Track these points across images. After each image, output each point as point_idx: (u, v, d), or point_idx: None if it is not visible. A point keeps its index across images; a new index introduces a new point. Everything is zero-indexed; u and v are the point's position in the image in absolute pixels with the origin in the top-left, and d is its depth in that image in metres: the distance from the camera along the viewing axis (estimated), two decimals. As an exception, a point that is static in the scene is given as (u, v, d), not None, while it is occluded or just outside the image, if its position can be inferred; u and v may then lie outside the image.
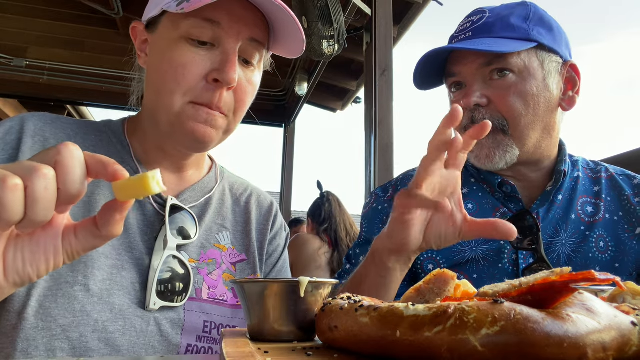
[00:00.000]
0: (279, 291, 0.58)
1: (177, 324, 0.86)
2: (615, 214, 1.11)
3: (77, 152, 0.52)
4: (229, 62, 0.84)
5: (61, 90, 5.32)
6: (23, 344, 0.74)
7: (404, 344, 0.41)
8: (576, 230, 1.09)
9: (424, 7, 3.91)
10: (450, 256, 1.09)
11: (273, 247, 1.08)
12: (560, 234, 1.08)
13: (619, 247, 1.08)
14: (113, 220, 0.55)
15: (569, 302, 0.41)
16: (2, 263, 0.53)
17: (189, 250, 0.92)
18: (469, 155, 1.09)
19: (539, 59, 1.08)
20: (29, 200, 0.49)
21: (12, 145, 0.84)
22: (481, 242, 1.09)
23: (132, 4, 4.07)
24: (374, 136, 3.05)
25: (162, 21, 0.88)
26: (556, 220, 1.10)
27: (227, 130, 0.92)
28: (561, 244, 1.08)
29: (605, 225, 1.09)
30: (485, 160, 1.08)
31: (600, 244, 1.08)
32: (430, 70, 1.16)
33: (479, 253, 1.08)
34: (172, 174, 0.98)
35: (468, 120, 1.07)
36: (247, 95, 0.90)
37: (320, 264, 3.17)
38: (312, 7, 3.13)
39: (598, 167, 1.21)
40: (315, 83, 4.91)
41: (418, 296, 0.56)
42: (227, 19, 0.84)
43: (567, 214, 1.10)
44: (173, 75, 0.83)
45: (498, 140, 1.06)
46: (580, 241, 1.08)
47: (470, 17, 1.15)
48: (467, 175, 1.19)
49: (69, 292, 0.77)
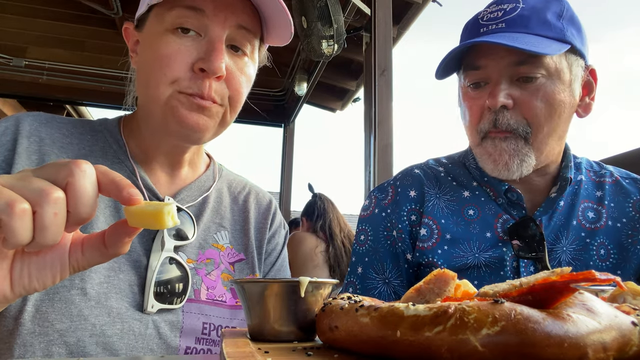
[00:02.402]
0: (279, 291, 0.58)
1: (176, 327, 0.85)
2: (618, 221, 1.07)
3: (89, 172, 0.51)
4: (215, 51, 0.81)
5: (60, 90, 5.31)
6: (20, 349, 0.73)
7: (404, 344, 0.41)
8: (577, 236, 1.05)
9: (423, 7, 3.91)
10: (452, 262, 1.05)
11: (272, 245, 1.07)
12: (561, 241, 1.05)
13: (621, 254, 1.03)
14: (121, 242, 0.55)
15: (569, 302, 0.41)
16: (8, 278, 0.53)
17: (186, 250, 0.91)
18: (482, 158, 1.04)
19: (568, 61, 1.01)
20: (38, 225, 0.48)
21: (7, 146, 0.83)
22: (484, 248, 1.05)
23: (132, 4, 4.06)
24: (373, 136, 3.05)
25: (149, 18, 0.88)
26: (557, 227, 1.06)
27: (223, 120, 0.89)
28: (562, 251, 1.04)
29: (607, 232, 1.06)
30: (503, 168, 1.01)
31: (601, 251, 1.04)
32: (448, 57, 1.06)
33: (481, 260, 1.04)
34: (168, 173, 0.96)
35: (490, 124, 1.00)
36: (240, 84, 0.88)
37: (318, 262, 3.19)
38: (311, 7, 3.13)
39: (602, 170, 1.16)
40: (314, 83, 4.91)
41: (418, 296, 0.56)
42: (211, 6, 0.82)
43: (569, 220, 1.07)
44: (159, 67, 0.82)
45: (519, 148, 1.00)
46: (580, 248, 1.04)
47: (502, 5, 1.04)
48: (469, 178, 1.15)
49: (65, 296, 0.76)
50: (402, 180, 1.18)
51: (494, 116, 1.00)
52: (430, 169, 1.19)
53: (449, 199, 1.12)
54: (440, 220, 1.09)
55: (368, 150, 3.15)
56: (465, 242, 1.06)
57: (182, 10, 0.82)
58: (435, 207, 1.11)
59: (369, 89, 3.21)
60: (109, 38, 4.69)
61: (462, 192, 1.13)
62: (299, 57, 4.79)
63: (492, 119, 1.00)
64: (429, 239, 1.08)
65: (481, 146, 1.04)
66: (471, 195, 1.12)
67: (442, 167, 1.20)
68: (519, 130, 0.99)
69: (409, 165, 1.23)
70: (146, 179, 0.91)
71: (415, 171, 1.18)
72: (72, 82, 5.23)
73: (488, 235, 1.06)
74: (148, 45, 0.86)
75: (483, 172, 1.10)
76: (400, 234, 1.11)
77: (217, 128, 0.89)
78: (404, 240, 1.10)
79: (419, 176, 1.16)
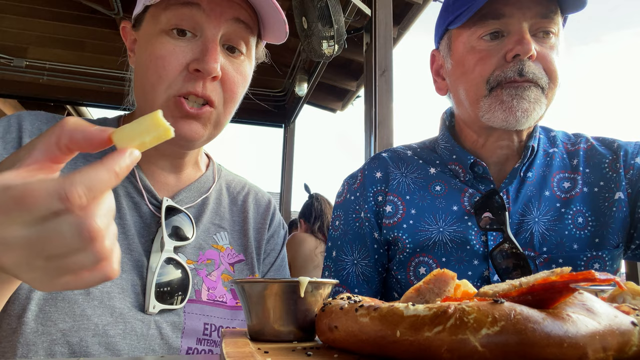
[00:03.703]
0: (279, 291, 0.58)
1: (178, 327, 0.85)
2: (595, 185, 1.06)
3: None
4: (210, 51, 0.81)
5: (61, 91, 5.32)
6: (23, 348, 0.73)
7: (404, 344, 0.41)
8: (550, 207, 1.05)
9: (423, 7, 3.91)
10: (416, 237, 1.06)
11: (271, 245, 1.07)
12: (532, 212, 1.05)
13: (598, 219, 1.03)
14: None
15: (569, 302, 0.41)
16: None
17: (186, 251, 0.91)
18: (491, 108, 1.01)
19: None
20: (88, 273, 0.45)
21: (12, 144, 0.83)
22: (449, 221, 1.06)
23: (132, 4, 4.02)
24: (373, 136, 3.06)
25: (145, 17, 0.88)
26: (527, 198, 1.06)
27: (218, 124, 0.88)
28: (534, 222, 1.04)
29: (583, 199, 1.06)
30: (522, 114, 0.99)
31: (578, 219, 1.04)
32: (467, 7, 1.02)
33: (445, 234, 1.05)
34: (169, 174, 0.96)
35: (515, 73, 0.98)
36: (236, 85, 0.87)
37: (318, 263, 3.19)
38: (312, 7, 3.13)
39: (578, 138, 1.16)
40: (315, 83, 4.91)
41: (418, 296, 0.56)
42: (207, 0, 0.82)
43: (541, 191, 1.07)
44: (154, 69, 0.81)
45: (538, 97, 0.99)
46: (555, 219, 1.04)
47: None
48: (438, 158, 1.17)
49: (69, 296, 0.76)
50: (370, 164, 1.20)
51: (519, 65, 0.98)
52: (396, 152, 1.23)
53: (416, 177, 1.15)
54: (405, 197, 1.12)
55: (368, 151, 3.16)
56: (431, 216, 1.08)
57: (178, 9, 0.81)
58: (401, 184, 1.14)
59: (370, 89, 3.22)
60: (110, 38, 4.69)
61: (429, 170, 1.16)
62: (300, 57, 4.79)
63: (519, 67, 0.98)
64: (394, 215, 1.10)
65: (491, 96, 1.02)
66: (438, 172, 1.14)
67: (411, 150, 1.23)
68: (542, 81, 0.99)
69: (379, 152, 1.26)
70: (145, 180, 0.91)
71: (383, 154, 1.22)
72: (73, 83, 5.24)
73: (455, 208, 1.08)
74: (144, 46, 0.86)
75: (451, 151, 1.13)
76: (366, 214, 1.14)
77: (211, 132, 0.89)
78: (370, 219, 1.13)
79: (385, 158, 1.20)
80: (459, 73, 1.08)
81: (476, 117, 1.06)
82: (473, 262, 1.03)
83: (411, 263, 1.07)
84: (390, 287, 1.15)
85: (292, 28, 1.09)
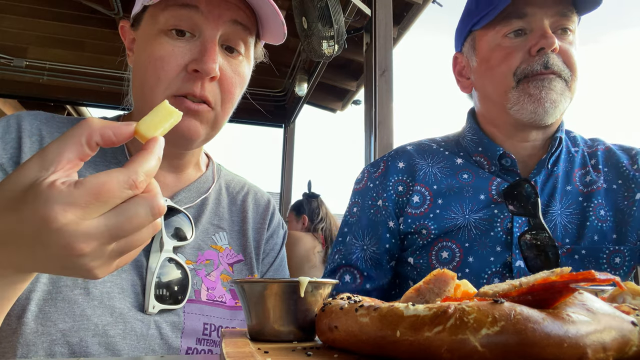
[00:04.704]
0: (279, 291, 0.58)
1: (177, 327, 0.85)
2: (614, 183, 1.11)
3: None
4: (208, 51, 0.81)
5: (61, 91, 5.31)
6: (23, 349, 0.73)
7: (404, 344, 0.41)
8: (573, 201, 1.09)
9: (423, 7, 3.91)
10: (442, 224, 1.09)
11: (270, 245, 1.07)
12: (555, 204, 1.08)
13: (617, 216, 1.07)
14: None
15: (569, 302, 0.41)
16: None
17: (185, 252, 0.91)
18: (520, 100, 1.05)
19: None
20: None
21: (12, 144, 0.83)
22: (475, 210, 1.09)
23: (132, 4, 4.01)
24: (373, 137, 3.05)
25: (144, 17, 0.87)
26: (552, 190, 1.10)
27: (215, 124, 0.88)
28: (557, 214, 1.07)
29: (604, 194, 1.09)
30: (550, 105, 1.03)
31: (600, 212, 1.07)
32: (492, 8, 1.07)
33: (471, 221, 1.08)
34: (168, 174, 0.96)
35: (540, 66, 1.03)
36: (233, 86, 0.87)
37: (315, 263, 3.17)
38: (312, 7, 3.13)
39: (595, 142, 1.21)
40: (315, 83, 4.91)
41: (418, 296, 0.56)
42: (205, 2, 0.82)
43: (564, 186, 1.10)
44: (153, 70, 0.82)
45: (564, 89, 1.04)
46: (577, 212, 1.08)
47: None
48: (460, 149, 1.20)
49: (68, 296, 0.76)
50: (393, 154, 1.24)
51: (544, 58, 1.03)
52: (421, 144, 1.25)
53: (443, 166, 1.17)
54: (432, 187, 1.14)
55: (368, 151, 3.15)
56: (457, 204, 1.10)
57: (176, 9, 0.81)
58: (428, 174, 1.16)
59: (370, 89, 3.21)
60: (110, 38, 4.68)
61: (455, 160, 1.18)
62: (299, 57, 4.79)
63: (544, 60, 1.03)
64: (421, 205, 1.13)
65: (518, 89, 1.06)
66: (464, 162, 1.17)
67: (435, 143, 1.25)
68: (565, 74, 1.03)
69: (405, 143, 1.28)
70: None
71: (407, 147, 1.24)
72: (73, 83, 5.22)
73: (482, 197, 1.10)
74: (143, 46, 0.86)
75: (478, 143, 1.16)
76: (384, 202, 1.15)
77: (209, 132, 0.89)
78: (388, 208, 1.15)
79: (409, 151, 1.22)
80: (484, 69, 1.12)
81: (503, 111, 1.09)
82: (496, 248, 1.06)
83: (434, 248, 1.10)
84: (405, 275, 1.17)
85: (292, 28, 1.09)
